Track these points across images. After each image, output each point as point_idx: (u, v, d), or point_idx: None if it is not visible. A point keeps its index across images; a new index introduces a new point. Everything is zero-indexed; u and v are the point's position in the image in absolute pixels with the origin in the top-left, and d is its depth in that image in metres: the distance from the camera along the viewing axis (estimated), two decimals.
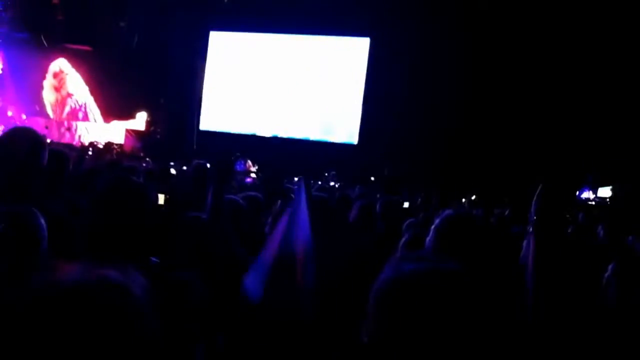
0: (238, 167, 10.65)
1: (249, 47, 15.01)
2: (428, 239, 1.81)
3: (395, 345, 0.92)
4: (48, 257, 1.55)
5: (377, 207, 3.85)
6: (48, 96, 16.62)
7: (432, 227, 1.81)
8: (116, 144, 13.00)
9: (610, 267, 1.99)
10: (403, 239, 2.35)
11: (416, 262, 0.99)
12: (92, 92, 16.25)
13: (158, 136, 15.69)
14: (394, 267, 1.00)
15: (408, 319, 0.91)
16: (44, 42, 14.77)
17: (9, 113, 14.90)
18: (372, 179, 10.55)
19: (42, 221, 1.56)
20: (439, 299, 0.91)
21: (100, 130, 15.62)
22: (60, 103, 16.55)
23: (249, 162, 11.85)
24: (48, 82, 16.47)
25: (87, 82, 16.23)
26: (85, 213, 1.90)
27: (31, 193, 1.92)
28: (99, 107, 16.22)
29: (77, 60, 15.98)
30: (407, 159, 11.92)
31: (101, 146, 10.50)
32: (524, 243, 2.12)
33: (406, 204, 5.82)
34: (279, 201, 3.57)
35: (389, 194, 6.49)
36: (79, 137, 15.53)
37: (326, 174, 11.44)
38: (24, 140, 2.03)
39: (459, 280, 0.95)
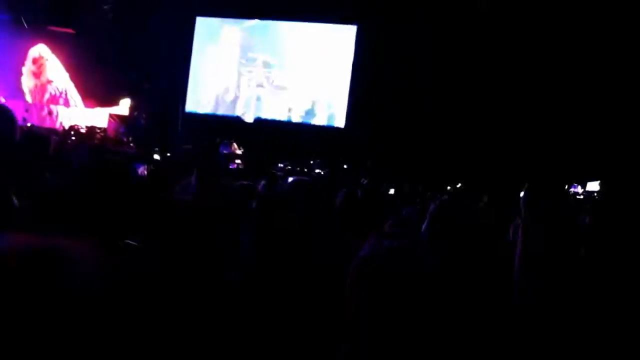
0: (223, 150, 10.59)
1: (236, 33, 14.87)
2: (424, 224, 1.81)
3: (372, 323, 0.93)
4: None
5: (358, 193, 3.86)
6: (27, 82, 16.29)
7: (428, 212, 1.81)
8: (99, 129, 12.85)
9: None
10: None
11: (392, 238, 0.99)
12: (74, 78, 15.93)
13: (142, 121, 15.48)
14: (373, 243, 1.00)
15: (382, 294, 0.91)
16: (24, 23, 14.43)
17: None
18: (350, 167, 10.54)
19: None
20: (411, 276, 0.92)
21: (83, 116, 15.37)
22: (40, 89, 16.24)
23: (234, 145, 11.78)
24: (27, 69, 16.12)
25: (69, 67, 15.90)
26: (62, 188, 1.87)
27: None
28: (81, 93, 15.91)
29: (58, 43, 15.64)
30: (393, 145, 11.96)
31: (83, 130, 10.36)
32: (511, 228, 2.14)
33: (392, 191, 5.86)
34: (263, 182, 3.57)
35: (374, 182, 6.52)
36: (61, 122, 15.27)
37: (312, 162, 11.44)
38: None
39: (429, 256, 0.96)
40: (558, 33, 10.87)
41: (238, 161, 9.87)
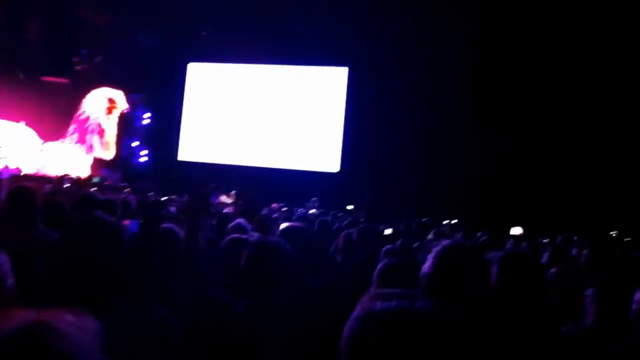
0: (214, 199, 10.61)
1: (228, 77, 15.10)
2: (425, 267, 1.72)
3: None
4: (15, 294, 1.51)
5: (355, 234, 3.83)
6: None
7: (430, 256, 1.72)
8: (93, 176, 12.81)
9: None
10: (378, 267, 2.30)
11: (387, 300, 0.96)
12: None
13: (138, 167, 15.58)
14: (365, 305, 0.98)
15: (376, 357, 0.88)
16: (21, 75, 14.64)
17: None
18: (351, 207, 10.52)
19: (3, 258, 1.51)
20: (408, 340, 0.89)
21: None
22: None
23: (233, 193, 11.85)
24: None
25: (64, 115, 15.97)
26: (55, 252, 1.85)
27: None
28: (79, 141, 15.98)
29: (53, 92, 15.78)
30: (389, 185, 11.98)
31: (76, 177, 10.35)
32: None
33: (388, 231, 5.82)
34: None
35: (372, 221, 6.48)
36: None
37: (308, 202, 11.43)
38: None
39: (431, 320, 0.93)
40: (550, 83, 11.11)
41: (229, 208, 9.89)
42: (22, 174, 11.60)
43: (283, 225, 2.94)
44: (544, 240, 6.62)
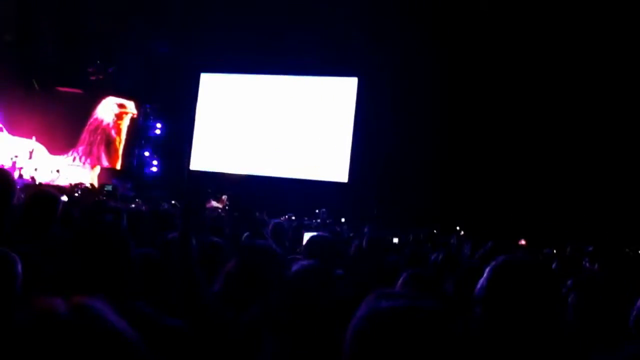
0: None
1: (239, 88, 15.21)
2: (481, 283, 1.53)
3: None
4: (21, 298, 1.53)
5: (364, 243, 3.85)
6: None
7: (487, 271, 1.53)
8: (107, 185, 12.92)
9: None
10: (401, 279, 2.28)
11: (393, 299, 0.97)
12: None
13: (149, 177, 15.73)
14: (370, 304, 0.98)
15: (383, 358, 0.89)
16: (36, 85, 14.86)
17: None
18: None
19: (15, 262, 1.53)
20: (414, 338, 0.89)
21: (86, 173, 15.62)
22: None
23: (224, 198, 12.07)
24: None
25: (77, 124, 16.17)
26: (61, 255, 1.86)
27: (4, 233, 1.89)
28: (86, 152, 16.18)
29: (67, 102, 16.00)
30: (398, 195, 11.96)
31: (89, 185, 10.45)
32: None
33: (396, 240, 5.80)
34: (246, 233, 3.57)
35: (379, 231, 6.48)
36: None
37: (317, 211, 11.44)
38: None
39: (437, 318, 0.93)
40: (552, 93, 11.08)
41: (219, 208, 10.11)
42: (36, 182, 11.73)
43: (308, 235, 2.97)
44: (552, 251, 6.54)
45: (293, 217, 8.62)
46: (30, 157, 14.74)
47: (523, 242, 8.05)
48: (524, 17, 10.90)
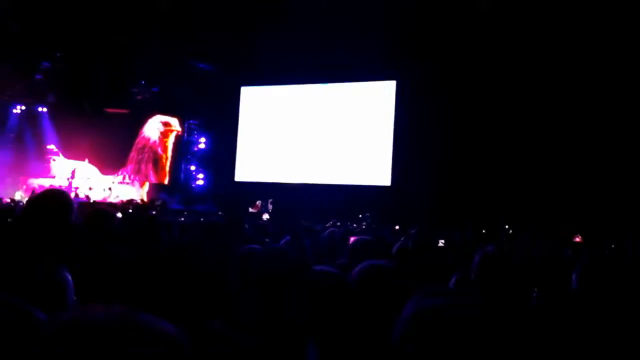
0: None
1: (279, 98, 15.44)
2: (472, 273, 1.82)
3: None
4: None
5: (409, 245, 3.84)
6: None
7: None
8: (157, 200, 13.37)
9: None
10: (453, 279, 2.31)
11: (436, 297, 1.00)
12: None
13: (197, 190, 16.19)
14: (414, 303, 1.02)
15: (430, 355, 0.92)
16: (87, 108, 15.55)
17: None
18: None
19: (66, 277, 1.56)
20: (459, 333, 0.92)
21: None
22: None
23: (258, 203, 12.45)
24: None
25: (126, 143, 16.83)
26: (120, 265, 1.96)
27: (62, 251, 2.02)
28: (135, 170, 16.84)
29: (116, 122, 16.67)
30: (440, 197, 11.82)
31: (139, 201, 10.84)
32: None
33: (441, 242, 5.75)
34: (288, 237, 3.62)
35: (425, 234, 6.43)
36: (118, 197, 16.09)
37: (360, 216, 11.45)
38: (54, 203, 2.18)
39: (479, 313, 0.96)
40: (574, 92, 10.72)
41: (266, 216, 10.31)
42: (91, 201, 12.28)
43: (353, 239, 3.01)
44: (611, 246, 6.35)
45: (338, 223, 8.66)
46: (73, 177, 15.43)
47: (578, 238, 7.84)
48: (560, 20, 10.63)
